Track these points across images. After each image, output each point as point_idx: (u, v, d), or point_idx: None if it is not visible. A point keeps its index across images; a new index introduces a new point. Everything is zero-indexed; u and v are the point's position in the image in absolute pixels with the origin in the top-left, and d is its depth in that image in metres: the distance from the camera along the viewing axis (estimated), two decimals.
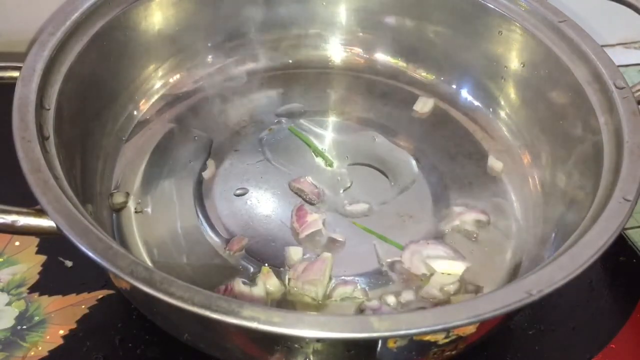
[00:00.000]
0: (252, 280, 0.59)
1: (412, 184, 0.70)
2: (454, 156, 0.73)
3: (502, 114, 0.76)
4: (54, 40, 0.61)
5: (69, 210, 0.48)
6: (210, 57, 0.78)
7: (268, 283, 0.59)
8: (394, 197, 0.68)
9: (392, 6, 0.79)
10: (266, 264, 0.61)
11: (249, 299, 0.57)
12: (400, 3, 0.79)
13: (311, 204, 0.67)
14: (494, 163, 0.72)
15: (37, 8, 0.74)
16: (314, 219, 0.64)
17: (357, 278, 0.61)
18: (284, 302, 0.59)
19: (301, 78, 0.80)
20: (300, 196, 0.68)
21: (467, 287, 0.60)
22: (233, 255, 0.62)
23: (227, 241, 0.63)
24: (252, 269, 0.61)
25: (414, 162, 0.72)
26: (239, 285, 0.58)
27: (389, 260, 0.62)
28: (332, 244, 0.64)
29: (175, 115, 0.74)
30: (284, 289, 0.59)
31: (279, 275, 0.60)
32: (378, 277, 0.61)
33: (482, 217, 0.66)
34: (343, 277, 0.61)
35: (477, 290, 0.60)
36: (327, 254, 0.61)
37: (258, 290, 0.58)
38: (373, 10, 0.80)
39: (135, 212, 0.65)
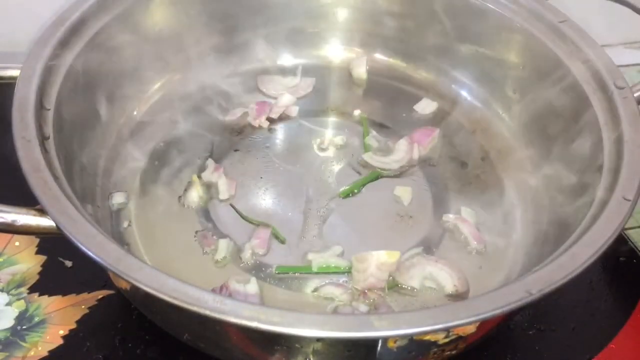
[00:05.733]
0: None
1: (412, 184, 0.70)
2: (454, 156, 0.73)
3: (503, 114, 0.76)
4: (54, 40, 0.61)
5: (69, 210, 0.48)
6: (210, 56, 0.78)
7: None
8: (394, 197, 0.68)
9: (393, 6, 0.79)
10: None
11: (243, 296, 0.57)
12: (400, 3, 0.79)
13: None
14: None
15: (37, 8, 0.74)
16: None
17: (344, 279, 0.61)
18: None
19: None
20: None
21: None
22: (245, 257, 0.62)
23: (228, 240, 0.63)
24: (254, 270, 0.61)
25: (414, 162, 0.72)
26: (233, 283, 0.58)
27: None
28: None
29: (175, 116, 0.74)
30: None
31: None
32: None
33: (476, 244, 0.64)
34: (336, 279, 0.61)
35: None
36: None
37: (252, 288, 0.58)
38: (373, 10, 0.80)
39: (125, 227, 0.64)
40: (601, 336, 0.62)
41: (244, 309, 0.43)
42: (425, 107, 0.78)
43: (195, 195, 0.66)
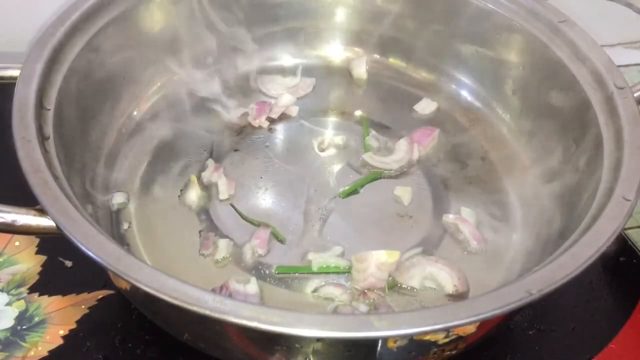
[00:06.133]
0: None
1: (412, 184, 0.70)
2: (454, 156, 0.73)
3: (503, 114, 0.76)
4: (54, 40, 0.61)
5: (69, 210, 0.48)
6: (210, 57, 0.78)
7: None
8: (394, 197, 0.68)
9: (392, 6, 0.79)
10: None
11: (243, 296, 0.57)
12: (400, 3, 0.79)
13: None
14: None
15: (37, 8, 0.74)
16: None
17: (342, 280, 0.61)
18: None
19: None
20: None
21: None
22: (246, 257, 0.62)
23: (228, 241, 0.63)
24: (254, 270, 0.61)
25: (414, 162, 0.72)
26: (233, 284, 0.58)
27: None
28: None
29: (175, 115, 0.74)
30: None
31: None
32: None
33: (476, 244, 0.64)
34: (336, 280, 0.61)
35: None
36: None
37: (252, 288, 0.58)
38: (373, 9, 0.80)
39: (126, 229, 0.64)
40: (601, 336, 0.62)
41: (244, 309, 0.43)
42: (425, 107, 0.78)
43: (194, 195, 0.66)
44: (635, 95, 0.62)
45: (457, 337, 0.48)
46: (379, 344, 0.47)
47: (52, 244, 0.64)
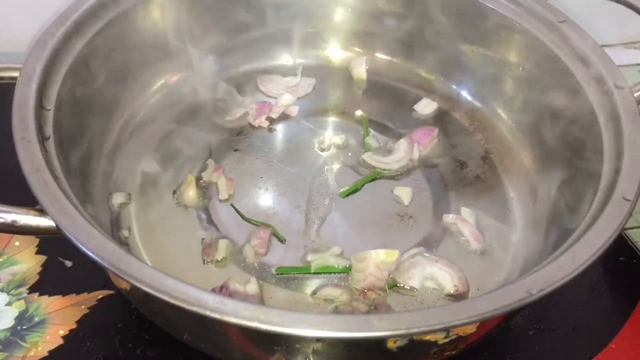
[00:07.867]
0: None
1: (412, 184, 0.70)
2: (454, 156, 0.73)
3: (503, 114, 0.76)
4: (54, 40, 0.61)
5: (69, 210, 0.48)
6: (210, 57, 0.78)
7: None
8: (394, 197, 0.68)
9: (392, 6, 0.79)
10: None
11: (243, 296, 0.57)
12: (400, 3, 0.79)
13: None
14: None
15: (37, 8, 0.74)
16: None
17: (342, 280, 0.61)
18: None
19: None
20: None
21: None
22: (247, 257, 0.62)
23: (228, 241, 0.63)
24: (253, 270, 0.61)
25: (414, 162, 0.72)
26: (234, 284, 0.58)
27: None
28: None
29: (175, 115, 0.74)
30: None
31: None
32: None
33: (476, 244, 0.64)
34: (335, 280, 0.61)
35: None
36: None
37: (252, 288, 0.58)
38: (373, 9, 0.80)
39: (126, 237, 0.63)
40: (601, 336, 0.62)
41: (244, 309, 0.43)
42: (425, 107, 0.78)
43: (191, 194, 0.66)
44: (635, 95, 0.62)
45: (457, 337, 0.48)
46: (379, 344, 0.47)
47: (52, 244, 0.64)
